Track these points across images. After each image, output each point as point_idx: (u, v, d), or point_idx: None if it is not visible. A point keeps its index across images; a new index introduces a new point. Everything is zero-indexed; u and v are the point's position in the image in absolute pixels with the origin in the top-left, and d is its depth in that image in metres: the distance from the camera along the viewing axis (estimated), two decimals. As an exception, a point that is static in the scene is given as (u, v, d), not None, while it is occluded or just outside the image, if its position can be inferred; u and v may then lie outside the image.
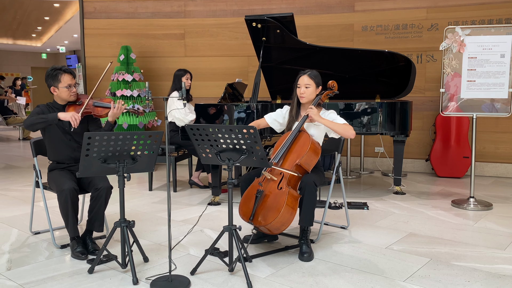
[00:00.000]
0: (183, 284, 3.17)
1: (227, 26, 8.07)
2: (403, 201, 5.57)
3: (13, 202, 5.64)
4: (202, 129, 3.28)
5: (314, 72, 4.02)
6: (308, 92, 3.96)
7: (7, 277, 3.37)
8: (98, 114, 3.99)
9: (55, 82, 3.90)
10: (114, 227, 3.41)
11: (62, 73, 3.90)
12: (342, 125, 3.83)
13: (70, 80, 3.91)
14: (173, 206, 5.36)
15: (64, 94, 3.92)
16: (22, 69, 25.69)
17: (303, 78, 3.98)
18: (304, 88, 3.96)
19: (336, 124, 3.84)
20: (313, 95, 4.00)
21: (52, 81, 3.91)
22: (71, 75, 3.93)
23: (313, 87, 3.97)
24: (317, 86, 4.00)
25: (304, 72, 4.01)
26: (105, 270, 3.46)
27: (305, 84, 3.96)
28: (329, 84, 4.13)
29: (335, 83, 4.14)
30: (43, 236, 4.30)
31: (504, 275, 3.37)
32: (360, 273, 3.42)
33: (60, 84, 3.90)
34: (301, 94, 3.97)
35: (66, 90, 3.90)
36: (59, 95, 3.95)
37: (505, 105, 5.22)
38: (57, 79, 3.89)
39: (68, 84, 3.90)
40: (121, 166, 3.31)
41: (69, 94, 3.93)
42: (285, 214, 3.56)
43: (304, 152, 3.75)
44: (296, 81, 4.03)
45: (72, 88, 3.93)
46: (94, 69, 8.47)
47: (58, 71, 3.90)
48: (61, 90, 3.91)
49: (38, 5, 14.57)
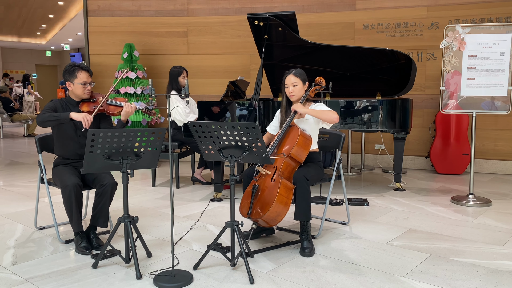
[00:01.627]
0: (186, 279, 3.18)
1: (229, 24, 8.09)
2: (403, 198, 5.59)
3: (18, 198, 5.66)
4: (204, 126, 3.29)
5: (299, 70, 4.08)
6: (296, 90, 4.01)
7: (13, 272, 3.39)
8: (111, 112, 4.01)
9: (71, 78, 3.94)
10: (118, 223, 3.42)
11: (79, 69, 3.94)
12: (327, 111, 3.90)
13: (86, 78, 3.95)
14: (176, 202, 5.38)
15: (79, 90, 3.95)
16: (27, 67, 25.72)
17: (289, 77, 4.03)
18: (292, 87, 4.01)
19: (319, 111, 3.90)
20: (302, 92, 4.05)
21: (69, 76, 3.95)
22: (87, 73, 3.97)
23: (300, 85, 4.01)
24: (304, 82, 4.04)
25: (289, 72, 4.06)
26: (109, 265, 3.48)
27: (292, 83, 4.01)
28: (316, 80, 4.19)
29: (322, 78, 4.20)
30: (48, 232, 4.33)
31: (503, 270, 3.39)
32: (360, 268, 3.44)
33: (76, 80, 3.93)
34: (290, 93, 4.02)
35: (81, 86, 3.93)
36: (73, 91, 3.98)
37: (505, 103, 5.23)
38: (74, 74, 3.93)
39: (84, 81, 3.93)
40: (125, 163, 3.32)
41: (83, 91, 3.96)
42: (279, 204, 3.61)
43: (293, 143, 3.81)
44: (283, 82, 4.08)
45: (87, 85, 3.96)
46: (98, 66, 8.49)
47: (75, 67, 3.95)
48: (76, 86, 3.94)
49: (43, 3, 14.62)
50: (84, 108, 3.98)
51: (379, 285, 3.15)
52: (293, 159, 3.85)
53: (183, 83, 6.08)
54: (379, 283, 3.18)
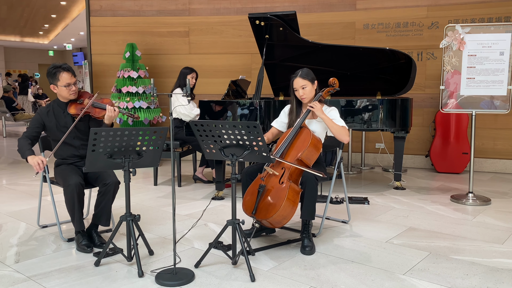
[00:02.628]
0: (188, 277, 3.19)
1: (230, 24, 8.12)
2: (403, 196, 5.61)
3: (21, 197, 5.69)
4: (206, 125, 3.30)
5: (305, 70, 4.02)
6: (307, 91, 3.96)
7: (16, 270, 3.41)
8: (96, 115, 3.95)
9: (54, 80, 3.88)
10: (120, 221, 3.42)
11: (61, 71, 3.85)
12: (339, 127, 3.86)
13: (69, 79, 3.87)
14: (177, 201, 5.39)
15: (64, 92, 3.90)
16: (30, 66, 25.82)
17: (297, 80, 3.98)
18: (302, 89, 3.96)
19: (335, 125, 3.86)
20: (313, 92, 4.01)
21: (52, 79, 3.89)
22: (70, 74, 3.88)
23: (309, 86, 3.97)
24: (312, 82, 4.00)
25: (296, 75, 4.00)
26: (111, 263, 3.50)
27: (301, 86, 3.96)
28: (330, 81, 4.14)
29: (336, 80, 4.16)
30: (50, 230, 4.35)
31: (502, 268, 3.40)
32: (360, 266, 3.45)
33: (59, 83, 3.87)
34: (301, 96, 3.98)
35: (65, 88, 3.88)
36: (59, 93, 3.95)
37: (504, 102, 5.24)
38: (56, 77, 3.86)
39: (67, 83, 3.86)
40: (127, 161, 3.32)
41: (69, 92, 3.90)
42: (286, 207, 3.60)
43: (304, 147, 3.78)
44: (291, 86, 4.03)
45: (71, 86, 3.89)
46: (100, 66, 8.54)
47: (57, 69, 3.86)
48: (60, 88, 3.90)
49: (45, 3, 14.64)
50: (72, 110, 3.93)
51: (379, 283, 3.16)
52: (302, 162, 3.83)
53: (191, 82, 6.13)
54: (379, 281, 3.19)
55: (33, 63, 26.39)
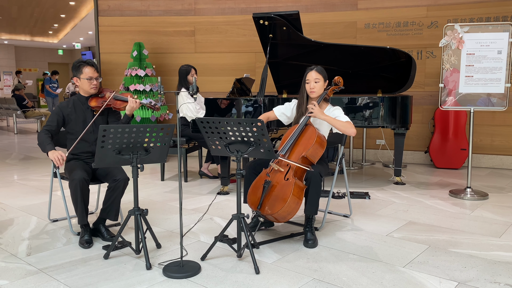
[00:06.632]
0: (194, 269, 3.24)
1: (235, 24, 8.17)
2: (403, 191, 5.64)
3: (32, 191, 5.73)
4: (211, 122, 3.34)
5: (320, 67, 4.07)
6: (318, 86, 4.00)
7: (27, 262, 3.46)
8: (117, 107, 4.08)
9: (78, 73, 4.02)
10: (128, 215, 3.47)
11: (84, 65, 4.01)
12: (344, 122, 3.88)
13: (91, 73, 4.01)
14: (184, 196, 5.44)
15: (85, 85, 4.02)
16: (40, 65, 25.96)
17: (311, 73, 4.03)
18: (314, 83, 4.00)
19: (338, 121, 3.88)
20: (322, 89, 4.05)
21: (76, 71, 4.03)
22: (93, 68, 4.03)
23: (322, 81, 4.02)
24: (325, 80, 4.05)
25: (311, 68, 4.05)
26: (120, 256, 3.55)
27: (314, 79, 4.00)
28: (335, 80, 4.16)
29: (341, 79, 4.18)
30: (60, 224, 4.41)
31: (499, 261, 3.45)
32: (361, 259, 3.49)
33: (82, 75, 4.00)
34: (311, 89, 4.01)
35: (87, 81, 4.00)
36: (81, 86, 4.06)
37: (501, 100, 5.28)
38: (80, 70, 4.01)
39: (89, 76, 4.00)
40: (135, 157, 3.36)
41: (90, 86, 4.02)
42: (291, 203, 3.63)
43: (310, 145, 3.81)
44: (305, 77, 4.06)
45: (93, 80, 4.02)
46: (109, 64, 8.63)
47: (81, 63, 4.02)
48: (82, 81, 4.02)
49: (55, 3, 14.72)
50: (93, 103, 4.05)
51: (380, 275, 3.20)
52: (307, 160, 3.86)
53: (191, 81, 6.11)
54: (380, 273, 3.23)
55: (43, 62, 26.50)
